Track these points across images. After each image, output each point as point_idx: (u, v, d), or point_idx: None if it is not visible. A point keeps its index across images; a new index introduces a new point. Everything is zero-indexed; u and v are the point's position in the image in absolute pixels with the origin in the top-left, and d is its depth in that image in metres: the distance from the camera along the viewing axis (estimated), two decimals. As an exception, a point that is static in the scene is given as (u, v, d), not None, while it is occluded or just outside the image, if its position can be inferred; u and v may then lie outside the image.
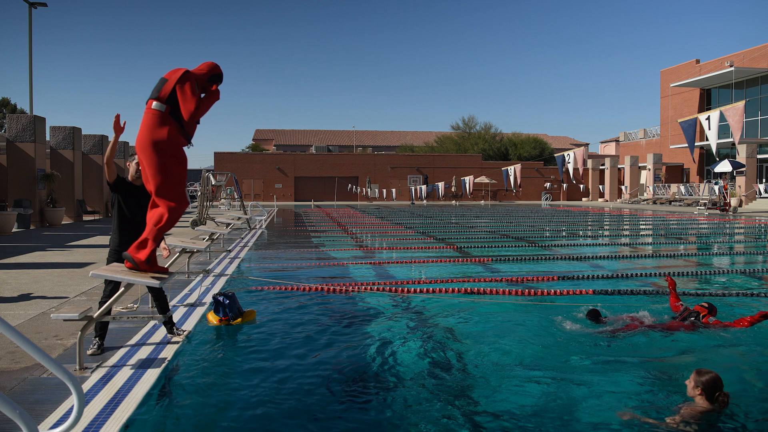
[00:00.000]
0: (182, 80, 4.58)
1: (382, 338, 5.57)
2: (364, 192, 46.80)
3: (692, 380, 3.86)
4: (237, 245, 13.49)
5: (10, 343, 4.97)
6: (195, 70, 4.77)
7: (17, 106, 50.06)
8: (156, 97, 4.57)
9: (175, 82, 4.56)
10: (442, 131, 67.93)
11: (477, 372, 4.67)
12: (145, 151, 4.55)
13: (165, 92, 4.55)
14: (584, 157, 34.08)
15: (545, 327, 5.99)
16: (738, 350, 5.32)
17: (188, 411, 3.88)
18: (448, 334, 5.80)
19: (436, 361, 4.92)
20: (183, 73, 4.61)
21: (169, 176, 4.63)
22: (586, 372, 4.70)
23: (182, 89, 4.54)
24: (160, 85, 4.62)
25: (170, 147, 4.59)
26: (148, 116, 4.57)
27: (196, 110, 4.56)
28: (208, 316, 6.11)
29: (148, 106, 4.58)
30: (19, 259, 10.87)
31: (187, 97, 4.55)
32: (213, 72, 4.83)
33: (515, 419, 3.77)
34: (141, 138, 4.58)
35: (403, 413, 3.86)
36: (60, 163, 21.36)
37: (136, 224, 5.37)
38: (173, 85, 4.56)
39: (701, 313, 5.98)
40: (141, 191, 5.40)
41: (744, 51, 37.19)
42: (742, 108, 21.69)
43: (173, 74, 4.65)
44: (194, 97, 4.57)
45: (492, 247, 13.89)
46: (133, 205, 5.34)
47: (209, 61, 4.89)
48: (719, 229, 19.26)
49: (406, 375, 4.56)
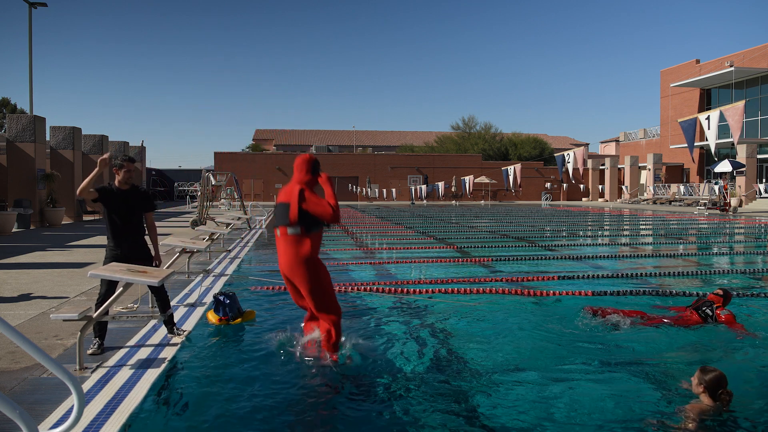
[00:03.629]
0: (302, 198, 4.67)
1: (382, 338, 5.57)
2: (364, 192, 46.79)
3: (696, 378, 3.86)
4: (237, 245, 13.49)
5: (10, 343, 4.97)
6: (297, 176, 4.85)
7: (17, 106, 50.06)
8: (286, 223, 4.67)
9: (297, 203, 4.64)
10: (442, 131, 67.95)
11: (477, 372, 4.67)
12: (297, 274, 4.66)
13: (293, 216, 4.65)
14: (584, 157, 34.06)
15: (545, 327, 5.99)
16: (742, 348, 5.32)
17: (188, 411, 3.87)
18: (448, 334, 5.80)
19: (436, 361, 4.91)
20: (299, 192, 4.70)
21: (326, 292, 4.76)
22: (587, 371, 4.70)
23: (309, 204, 4.65)
24: (283, 211, 4.70)
25: (316, 256, 4.72)
26: (286, 242, 4.68)
27: (334, 207, 4.66)
28: (208, 315, 6.11)
29: (282, 233, 4.70)
30: (19, 259, 10.87)
31: (320, 206, 4.66)
32: (310, 165, 4.88)
33: (516, 419, 3.76)
34: (287, 263, 4.67)
35: (403, 413, 3.86)
36: (60, 163, 21.36)
37: (129, 227, 5.35)
38: (297, 208, 4.64)
39: (715, 303, 5.93)
40: (131, 194, 5.38)
41: (744, 51, 37.18)
42: (742, 108, 21.69)
43: (289, 197, 4.73)
44: (321, 201, 4.68)
45: (492, 247, 13.89)
46: (122, 210, 5.30)
47: (297, 157, 4.95)
48: (719, 229, 19.25)
49: (406, 375, 4.56)
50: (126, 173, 5.36)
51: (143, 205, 5.51)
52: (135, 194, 5.44)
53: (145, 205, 5.53)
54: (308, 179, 4.84)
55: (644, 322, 5.91)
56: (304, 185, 4.78)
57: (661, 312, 6.36)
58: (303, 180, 4.82)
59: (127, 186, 5.40)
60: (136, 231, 5.43)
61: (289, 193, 4.78)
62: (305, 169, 4.85)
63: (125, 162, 5.37)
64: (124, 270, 4.75)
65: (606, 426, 3.68)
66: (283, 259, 4.74)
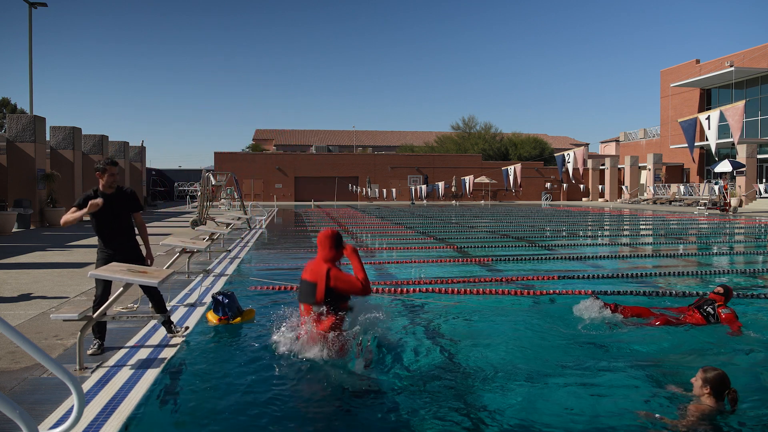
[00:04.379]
0: (329, 278, 4.69)
1: (382, 338, 5.57)
2: (364, 192, 46.79)
3: (699, 378, 3.84)
4: (237, 245, 13.48)
5: (10, 343, 4.97)
6: (321, 253, 4.87)
7: (17, 106, 50.06)
8: (312, 302, 4.69)
9: (324, 284, 4.67)
10: (442, 131, 67.94)
11: (477, 372, 4.67)
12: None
13: (320, 297, 4.67)
14: (584, 157, 34.06)
15: (545, 327, 5.99)
16: (742, 348, 5.32)
17: (188, 410, 3.87)
18: (447, 333, 5.80)
19: (436, 361, 4.91)
20: (326, 272, 4.72)
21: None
22: (588, 371, 4.70)
23: (338, 283, 4.69)
24: (310, 290, 4.72)
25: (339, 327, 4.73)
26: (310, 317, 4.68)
27: (363, 282, 4.72)
28: (208, 315, 6.11)
29: (306, 309, 4.73)
30: (19, 259, 10.87)
31: (349, 284, 4.72)
32: (333, 241, 4.91)
33: (516, 418, 3.76)
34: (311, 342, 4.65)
35: (404, 412, 3.85)
36: (60, 163, 21.36)
37: (118, 230, 5.32)
38: (324, 288, 4.67)
39: (717, 302, 5.94)
40: (116, 197, 5.32)
41: (744, 51, 37.18)
42: (742, 108, 21.68)
43: (316, 276, 4.73)
44: (350, 278, 4.74)
45: (492, 247, 13.89)
46: (109, 215, 5.24)
47: (319, 233, 4.97)
48: (719, 229, 19.25)
49: (406, 374, 4.56)
50: (109, 177, 5.27)
51: (130, 206, 5.44)
52: (120, 197, 5.36)
53: (131, 206, 5.46)
54: (333, 255, 4.87)
55: (648, 322, 5.91)
56: (331, 263, 4.81)
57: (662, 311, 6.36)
58: (328, 257, 4.84)
59: (112, 189, 5.32)
60: (125, 233, 5.38)
61: (316, 272, 4.78)
62: (329, 245, 4.86)
63: (108, 166, 5.26)
64: (125, 270, 4.75)
65: (604, 426, 3.68)
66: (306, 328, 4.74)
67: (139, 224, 5.66)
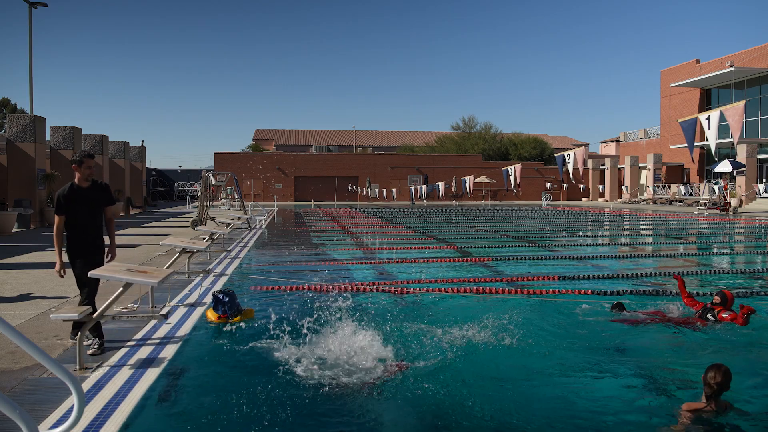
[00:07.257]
0: None
1: (382, 338, 5.56)
2: (364, 192, 46.79)
3: (704, 379, 3.85)
4: (237, 245, 13.48)
5: (10, 343, 4.97)
6: None
7: (17, 106, 50.07)
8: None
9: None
10: (442, 131, 67.92)
11: (477, 372, 4.67)
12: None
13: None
14: (584, 157, 34.08)
15: (545, 327, 6.00)
16: (743, 349, 5.32)
17: (188, 410, 3.87)
18: (447, 333, 5.79)
19: (436, 361, 4.91)
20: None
21: None
22: (588, 371, 4.70)
23: None
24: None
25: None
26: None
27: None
28: (208, 313, 6.11)
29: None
30: (19, 259, 10.87)
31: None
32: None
33: (515, 417, 3.76)
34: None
35: (404, 412, 3.86)
36: (60, 163, 21.35)
37: (92, 223, 5.22)
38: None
39: (716, 309, 6.07)
40: (92, 191, 5.21)
41: (744, 51, 37.18)
42: (742, 108, 21.69)
43: None
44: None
45: (492, 247, 13.88)
46: (86, 209, 5.16)
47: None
48: (719, 229, 19.25)
49: (406, 374, 4.56)
50: (86, 169, 5.17)
51: (105, 200, 5.36)
52: (96, 190, 5.28)
53: (107, 199, 5.39)
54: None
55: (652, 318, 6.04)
56: None
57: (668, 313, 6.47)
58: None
59: (88, 183, 5.24)
60: (97, 226, 5.31)
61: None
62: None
63: (85, 158, 5.15)
64: (124, 270, 4.75)
65: (604, 426, 3.68)
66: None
67: (108, 219, 5.54)
